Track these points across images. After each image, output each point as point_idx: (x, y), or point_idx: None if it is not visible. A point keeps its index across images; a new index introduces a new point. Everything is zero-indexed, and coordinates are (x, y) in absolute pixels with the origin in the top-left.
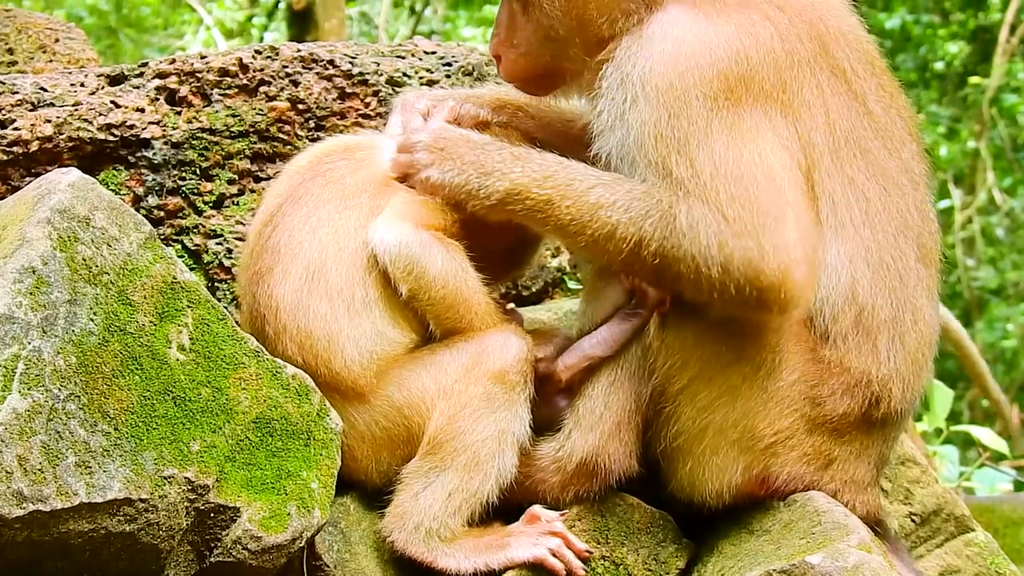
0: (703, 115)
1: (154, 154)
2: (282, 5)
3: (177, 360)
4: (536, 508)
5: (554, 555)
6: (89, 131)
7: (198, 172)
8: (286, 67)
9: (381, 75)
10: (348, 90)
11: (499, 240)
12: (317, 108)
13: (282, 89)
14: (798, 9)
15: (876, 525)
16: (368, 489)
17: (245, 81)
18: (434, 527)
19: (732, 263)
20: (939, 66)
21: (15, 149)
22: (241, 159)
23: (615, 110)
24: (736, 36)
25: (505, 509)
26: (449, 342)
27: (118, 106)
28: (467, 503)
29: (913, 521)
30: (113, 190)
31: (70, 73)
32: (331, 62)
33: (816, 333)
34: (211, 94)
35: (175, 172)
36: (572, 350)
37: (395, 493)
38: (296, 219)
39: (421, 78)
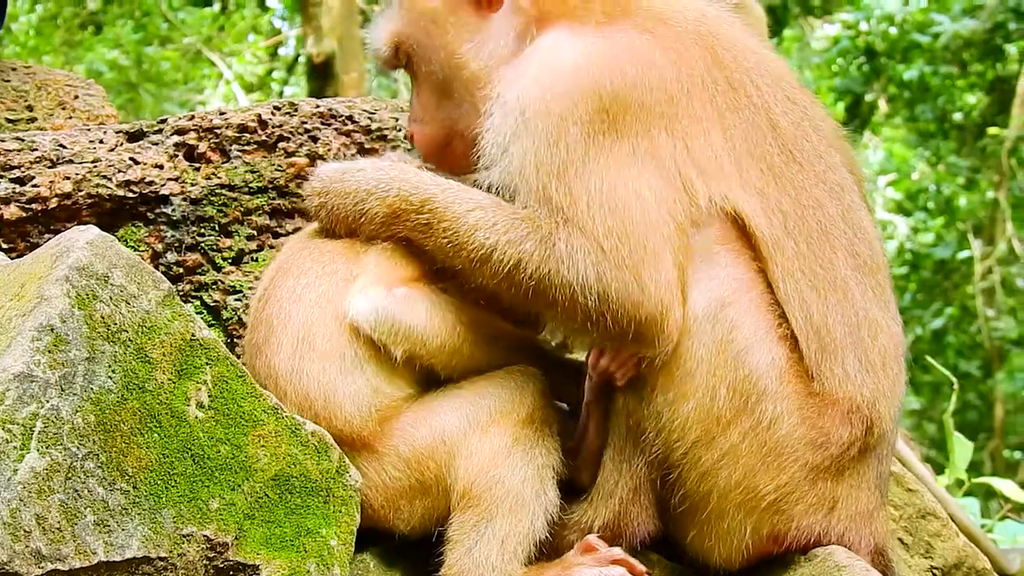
0: (580, 142)
1: (173, 210)
2: (302, 59)
3: (196, 417)
4: (591, 538)
5: None
6: (108, 188)
7: (217, 228)
8: (305, 123)
9: (400, 130)
10: (367, 145)
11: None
12: None
13: (301, 145)
14: (684, 21)
15: (882, 561)
16: (395, 540)
17: (264, 137)
18: None
19: (610, 294)
20: (958, 117)
21: (34, 206)
22: (260, 215)
23: (499, 142)
24: (612, 53)
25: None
26: (449, 395)
27: (137, 163)
28: (521, 546)
29: (934, 574)
30: (132, 247)
31: (89, 130)
32: (350, 118)
33: (804, 366)
34: (230, 150)
35: (194, 228)
36: (582, 456)
37: (446, 554)
38: (284, 290)
39: None
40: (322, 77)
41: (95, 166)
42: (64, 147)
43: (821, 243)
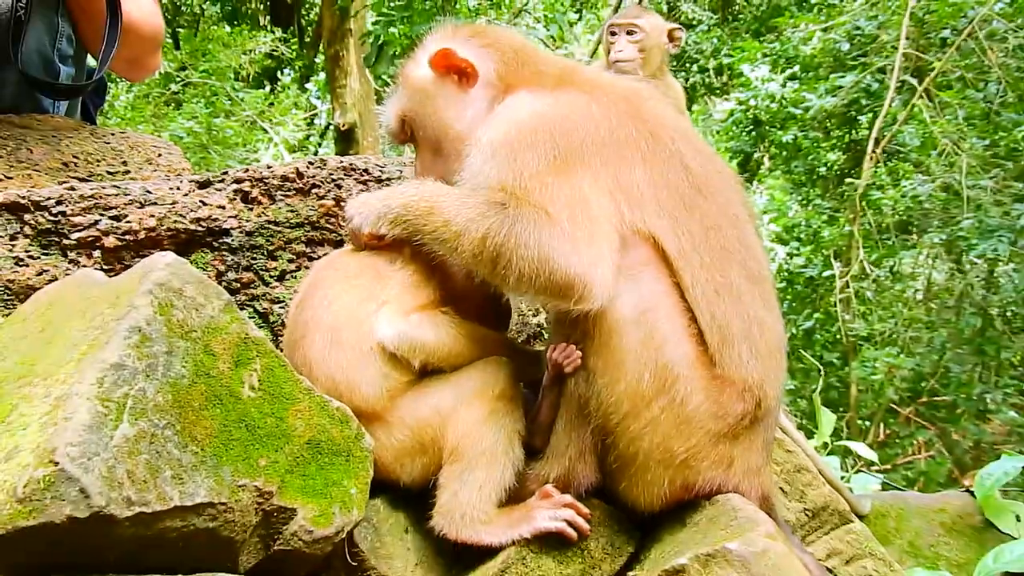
0: (534, 160)
1: (232, 240)
2: (331, 128)
3: (249, 397)
4: (548, 487)
5: (569, 524)
6: (183, 223)
7: (266, 254)
8: (331, 174)
9: (401, 179)
10: None
11: (472, 301)
12: None
13: (328, 191)
14: (615, 88)
15: (767, 505)
16: (399, 490)
17: (301, 185)
18: (475, 515)
19: (548, 254)
20: (823, 170)
21: (127, 237)
22: (298, 244)
23: (473, 170)
24: (559, 106)
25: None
26: (443, 379)
27: (205, 204)
28: (495, 491)
29: (806, 515)
30: (201, 268)
31: (169, 179)
32: (366, 170)
33: (708, 356)
34: (275, 195)
35: (248, 254)
36: (537, 425)
37: (437, 497)
38: (316, 300)
39: None
40: (346, 141)
41: (173, 207)
42: (150, 192)
43: (721, 259)
